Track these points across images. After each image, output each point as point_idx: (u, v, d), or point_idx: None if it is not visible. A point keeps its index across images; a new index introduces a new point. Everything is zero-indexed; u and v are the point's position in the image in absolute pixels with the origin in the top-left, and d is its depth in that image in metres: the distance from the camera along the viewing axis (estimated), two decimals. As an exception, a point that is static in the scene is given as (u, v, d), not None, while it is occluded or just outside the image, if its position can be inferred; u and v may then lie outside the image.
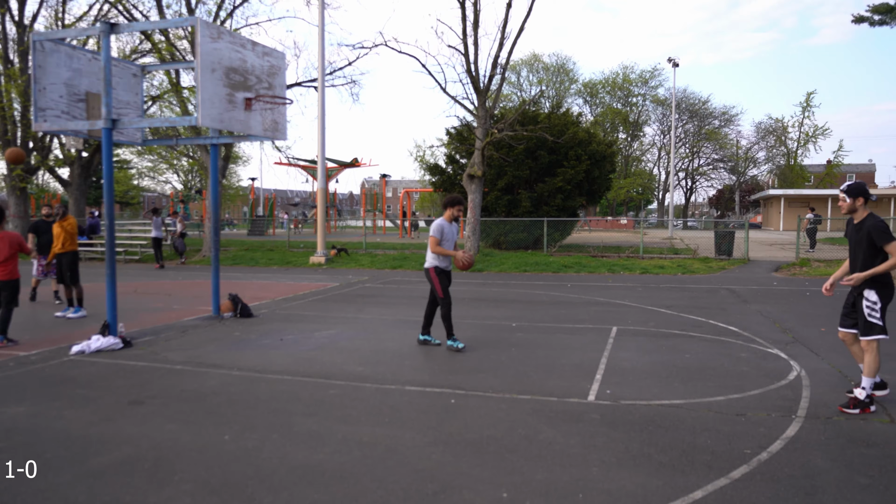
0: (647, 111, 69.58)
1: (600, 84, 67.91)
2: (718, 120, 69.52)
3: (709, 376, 6.35)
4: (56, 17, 24.40)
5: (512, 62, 53.29)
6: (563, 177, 23.80)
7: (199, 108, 7.81)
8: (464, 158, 26.00)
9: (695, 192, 78.67)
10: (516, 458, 4.24)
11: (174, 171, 59.70)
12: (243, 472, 4.02)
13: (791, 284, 14.57)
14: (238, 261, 21.35)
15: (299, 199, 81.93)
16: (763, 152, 72.35)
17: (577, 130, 25.00)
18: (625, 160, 66.88)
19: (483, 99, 20.69)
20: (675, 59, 39.62)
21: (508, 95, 57.19)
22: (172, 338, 8.41)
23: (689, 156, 72.71)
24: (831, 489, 3.76)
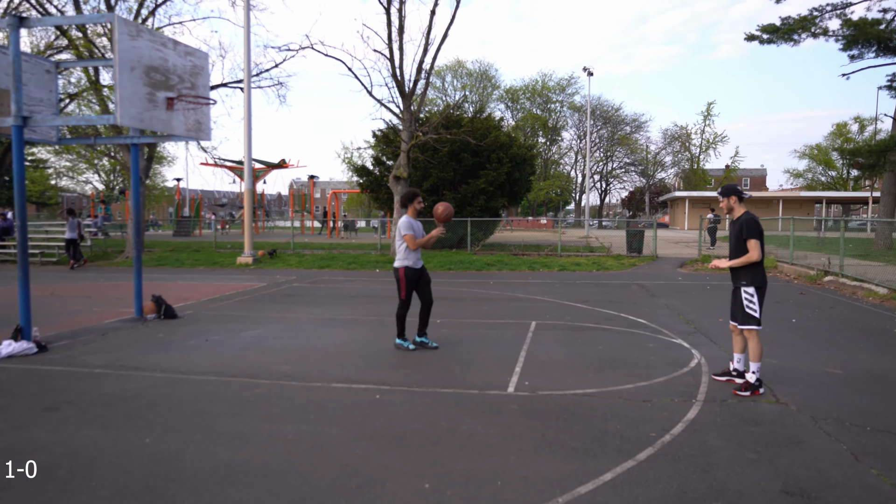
0: (564, 117, 71.41)
1: (521, 90, 69.15)
2: (630, 126, 72.20)
3: (619, 366, 6.58)
4: (-38, 9, 22.69)
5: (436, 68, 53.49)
6: (486, 178, 24.09)
7: (118, 107, 7.44)
8: (390, 160, 25.91)
9: (609, 194, 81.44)
10: (439, 450, 4.26)
11: (95, 171, 56.72)
12: (165, 474, 3.86)
13: (694, 279, 15.29)
14: (163, 262, 20.48)
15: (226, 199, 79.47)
16: (670, 157, 75.76)
17: (499, 134, 25.36)
18: (544, 163, 68.36)
19: (408, 103, 20.66)
20: (590, 68, 40.83)
21: (433, 100, 57.38)
22: (92, 341, 7.98)
23: (604, 159, 75.12)
24: (724, 465, 3.97)
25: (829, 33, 25.65)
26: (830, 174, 67.57)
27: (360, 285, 14.28)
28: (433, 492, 3.63)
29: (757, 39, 26.96)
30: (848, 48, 25.76)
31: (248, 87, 20.12)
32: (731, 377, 5.93)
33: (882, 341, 7.88)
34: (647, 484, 3.71)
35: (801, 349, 7.38)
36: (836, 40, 25.88)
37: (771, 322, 9.18)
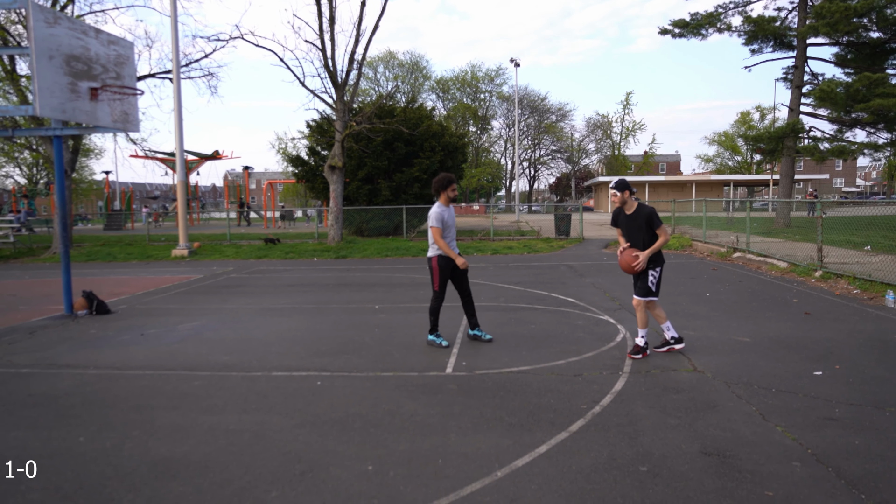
0: (493, 106, 71.90)
1: (451, 81, 69.14)
2: (555, 115, 73.47)
3: (551, 343, 6.71)
4: None
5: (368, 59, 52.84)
6: (420, 167, 24.02)
7: (37, 98, 6.97)
8: (325, 150, 25.44)
9: (537, 180, 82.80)
10: (380, 433, 4.23)
11: (16, 165, 53.21)
12: (101, 472, 3.68)
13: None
14: (93, 257, 19.46)
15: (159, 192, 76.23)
16: (593, 144, 77.64)
17: (431, 124, 25.30)
18: (475, 151, 68.77)
19: (341, 93, 20.30)
20: (517, 59, 41.19)
21: (366, 90, 56.60)
22: (18, 340, 7.50)
23: (532, 147, 76.24)
24: (649, 432, 4.11)
25: (732, 29, 26.81)
26: (737, 159, 70.93)
27: (299, 274, 14.00)
28: (376, 473, 3.60)
29: (669, 33, 27.89)
30: (749, 43, 27.03)
31: (178, 77, 19.25)
32: (671, 345, 6.20)
33: (783, 311, 8.35)
34: (580, 453, 3.81)
35: (714, 320, 7.73)
36: (738, 35, 27.13)
37: (687, 296, 9.58)
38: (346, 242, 20.70)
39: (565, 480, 3.45)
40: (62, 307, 9.35)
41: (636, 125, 72.46)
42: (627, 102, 71.88)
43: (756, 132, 40.51)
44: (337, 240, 20.69)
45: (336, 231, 20.71)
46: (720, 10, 26.70)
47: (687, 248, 17.72)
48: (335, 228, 20.71)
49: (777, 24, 25.83)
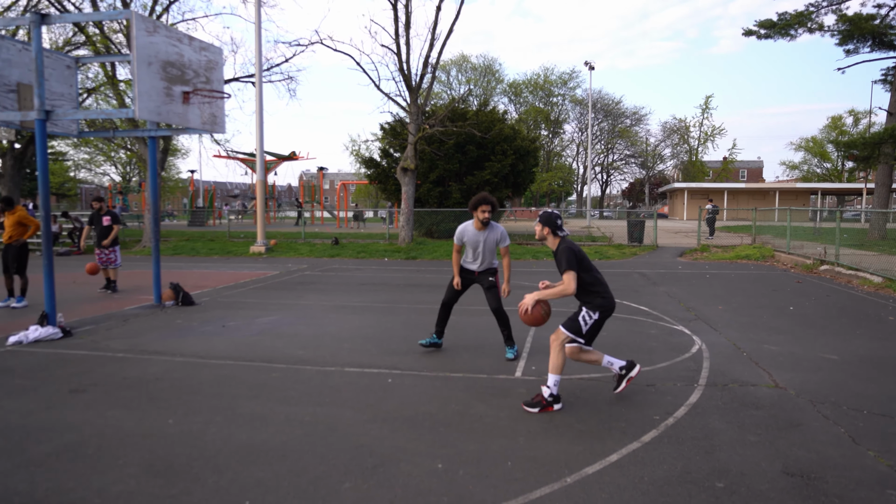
0: (566, 110, 70.99)
1: (524, 84, 68.75)
2: (630, 119, 71.75)
3: (623, 351, 6.58)
4: (-17, 6, 22.68)
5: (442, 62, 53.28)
6: (491, 170, 24.04)
7: (137, 101, 7.44)
8: (397, 152, 25.86)
9: (609, 185, 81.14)
10: (450, 432, 4.28)
11: (112, 164, 56.80)
12: (188, 454, 3.90)
13: (693, 268, 15.25)
14: (178, 251, 20.56)
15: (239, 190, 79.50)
16: (669, 149, 75.29)
17: (503, 127, 25.27)
18: (547, 155, 68.11)
19: (415, 96, 20.59)
20: (592, 62, 40.61)
21: (439, 93, 57.11)
22: (114, 327, 8.04)
23: (605, 151, 74.78)
24: (726, 447, 3.98)
25: (824, 28, 25.42)
26: (826, 166, 67.15)
27: (370, 273, 14.30)
28: (446, 472, 3.65)
29: (755, 35, 26.74)
30: (843, 43, 25.54)
31: (260, 81, 20.09)
32: (626, 377, 4.97)
33: (877, 328, 7.86)
34: (652, 464, 3.73)
35: (798, 336, 7.37)
36: (831, 35, 25.68)
37: (769, 309, 9.17)
38: (417, 244, 20.96)
39: (637, 491, 3.39)
40: (152, 297, 9.94)
41: (715, 130, 69.77)
42: (707, 106, 69.35)
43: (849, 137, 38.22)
44: (407, 241, 20.99)
45: (407, 232, 21.01)
46: (811, 8, 25.36)
47: (768, 258, 16.93)
48: (406, 230, 21.02)
49: (876, 22, 24.28)
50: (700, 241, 21.51)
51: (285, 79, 23.90)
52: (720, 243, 21.33)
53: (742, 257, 17.22)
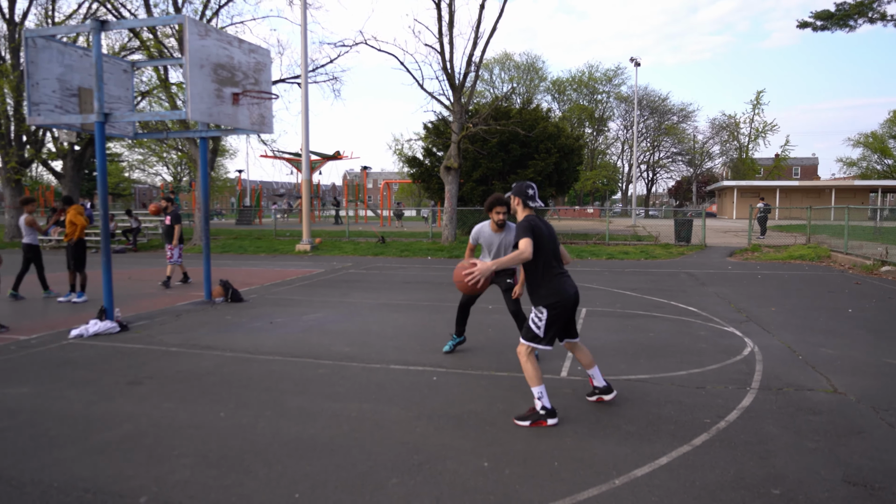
0: (611, 107, 69.99)
1: (567, 82, 68.08)
2: (677, 116, 70.25)
3: (671, 353, 6.46)
4: (46, 14, 23.71)
5: (485, 61, 53.17)
6: (535, 168, 23.88)
7: (189, 103, 7.66)
8: (440, 151, 25.93)
9: (655, 184, 79.55)
10: (496, 431, 4.28)
11: (164, 164, 58.64)
12: (239, 446, 4.00)
13: (744, 268, 14.83)
14: (227, 249, 21.09)
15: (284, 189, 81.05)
16: (717, 146, 73.37)
17: (547, 125, 25.08)
18: (591, 153, 67.27)
19: (458, 95, 20.61)
20: (637, 58, 39.84)
21: (482, 92, 57.02)
22: (167, 322, 8.30)
23: (650, 149, 73.39)
24: (782, 453, 3.86)
25: (887, 18, 24.32)
26: (887, 162, 64.29)
27: (413, 272, 14.39)
28: (492, 470, 3.65)
29: (810, 27, 25.79)
30: (908, 33, 24.39)
31: (306, 82, 20.42)
32: (599, 395, 4.84)
33: (944, 332, 7.49)
34: (704, 469, 3.64)
35: (858, 339, 7.08)
36: (895, 25, 24.54)
37: (826, 311, 8.85)
38: (460, 242, 20.98)
39: (688, 496, 3.32)
40: (202, 294, 10.23)
41: (767, 126, 67.62)
42: (758, 102, 67.22)
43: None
44: (451, 240, 21.03)
45: (450, 231, 21.06)
46: (873, -2, 24.31)
47: (824, 259, 16.33)
48: (449, 228, 21.07)
49: (942, 12, 23.12)
50: (751, 241, 20.89)
51: (330, 79, 24.27)
52: (772, 243, 20.68)
53: (796, 257, 16.66)
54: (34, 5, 23.76)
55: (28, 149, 24.12)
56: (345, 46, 21.99)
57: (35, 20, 24.23)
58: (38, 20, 24.05)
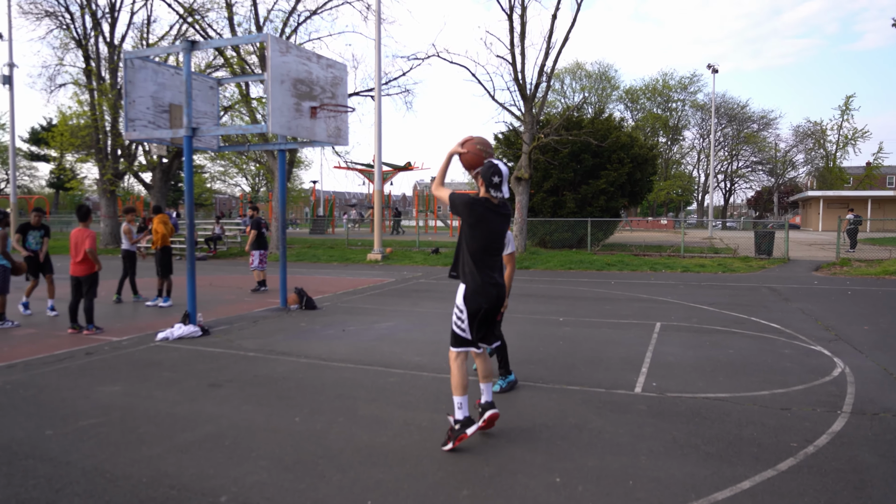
0: (686, 116, 67.89)
1: (641, 90, 66.57)
2: (757, 124, 67.31)
3: (752, 371, 6.16)
4: (141, 36, 25.35)
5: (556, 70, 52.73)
6: (607, 179, 23.45)
7: (270, 117, 7.97)
8: (511, 162, 25.86)
9: (734, 194, 76.39)
10: (567, 446, 4.19)
11: (243, 175, 61.18)
12: (313, 451, 4.09)
13: (832, 283, 13.99)
14: (301, 257, 21.74)
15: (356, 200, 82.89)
16: (801, 155, 69.73)
17: (620, 135, 24.58)
18: (665, 163, 65.39)
19: (529, 105, 20.53)
20: (715, 65, 38.53)
21: (552, 102, 56.54)
22: (245, 327, 8.63)
23: (728, 158, 70.63)
24: (880, 484, 3.59)
25: None
26: None
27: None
28: (564, 486, 3.57)
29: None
30: None
31: (379, 95, 20.87)
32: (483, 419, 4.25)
33: None
34: (791, 496, 3.44)
35: (964, 362, 6.53)
36: None
37: (926, 332, 8.22)
38: (530, 253, 20.82)
39: (774, 523, 3.14)
40: (278, 301, 10.58)
41: (857, 133, 63.73)
42: (847, 107, 63.44)
43: None
44: (521, 251, 20.90)
45: (520, 242, 20.94)
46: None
47: (924, 275, 15.18)
48: (519, 239, 20.95)
49: None
50: (839, 254, 19.69)
51: (402, 92, 24.72)
52: (863, 257, 19.41)
53: (891, 273, 15.56)
54: (131, 28, 25.48)
55: (122, 161, 25.75)
56: (417, 59, 22.39)
57: (132, 42, 25.96)
58: (134, 42, 25.74)
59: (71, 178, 37.87)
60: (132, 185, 56.85)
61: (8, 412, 4.88)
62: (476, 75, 20.73)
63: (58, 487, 3.54)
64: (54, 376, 5.97)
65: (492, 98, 20.86)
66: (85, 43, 24.73)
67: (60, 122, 26.10)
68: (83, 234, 8.07)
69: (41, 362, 6.55)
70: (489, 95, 20.76)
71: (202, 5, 23.79)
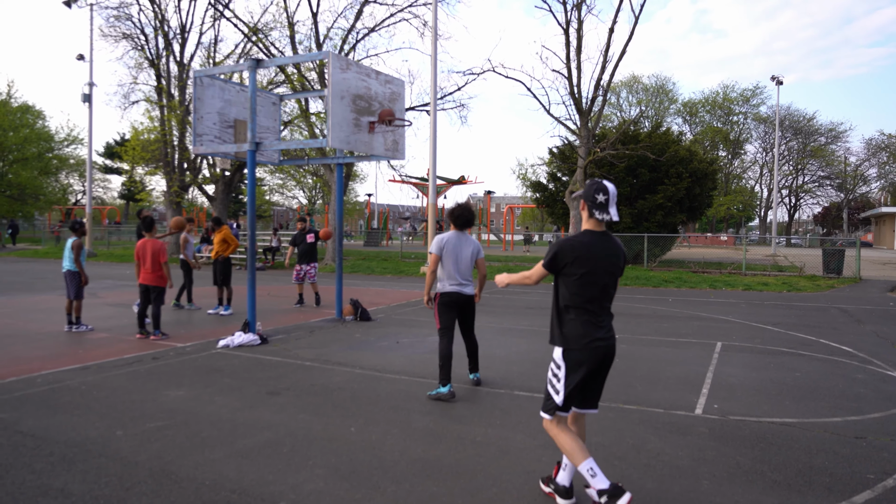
0: (748, 129, 65.81)
1: (700, 103, 64.98)
2: (825, 137, 64.59)
3: (822, 396, 5.87)
4: (208, 55, 26.45)
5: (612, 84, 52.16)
6: (664, 194, 22.95)
7: (330, 132, 8.17)
8: (565, 176, 25.64)
9: (799, 210, 73.37)
10: (625, 467, 4.09)
11: (301, 188, 62.76)
12: (368, 462, 4.13)
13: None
14: (356, 269, 22.08)
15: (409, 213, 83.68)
16: (874, 169, 66.48)
17: (678, 149, 24.05)
18: (725, 177, 63.47)
19: (585, 119, 20.35)
20: (779, 76, 37.31)
21: (608, 115, 55.87)
22: (302, 337, 8.81)
23: (793, 173, 67.98)
24: (968, 521, 3.36)
25: None
26: None
27: (536, 297, 14.25)
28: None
29: None
30: None
31: (434, 109, 21.07)
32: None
33: None
34: (867, 529, 3.25)
35: None
36: None
37: None
38: (582, 269, 20.53)
39: (849, 558, 2.97)
40: (334, 312, 10.75)
41: (936, 146, 60.34)
42: (925, 120, 60.20)
43: None
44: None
45: (572, 257, 20.68)
46: None
47: None
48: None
49: None
50: (916, 275, 18.62)
51: (457, 106, 24.86)
52: (944, 278, 18.30)
53: None
54: (199, 48, 26.66)
55: (188, 174, 26.84)
56: (472, 74, 22.49)
57: (199, 61, 27.11)
58: (202, 61, 26.88)
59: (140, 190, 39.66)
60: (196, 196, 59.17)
61: (83, 412, 5.12)
62: (531, 89, 20.76)
63: (127, 486, 3.69)
64: (124, 379, 6.24)
65: (547, 112, 20.80)
66: (157, 62, 25.99)
67: (133, 137, 27.44)
68: (154, 245, 8.43)
69: (112, 365, 6.85)
70: (544, 109, 20.71)
71: (266, 25, 24.69)
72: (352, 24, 23.87)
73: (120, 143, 46.18)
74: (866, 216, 60.39)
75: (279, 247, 24.45)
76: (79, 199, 61.24)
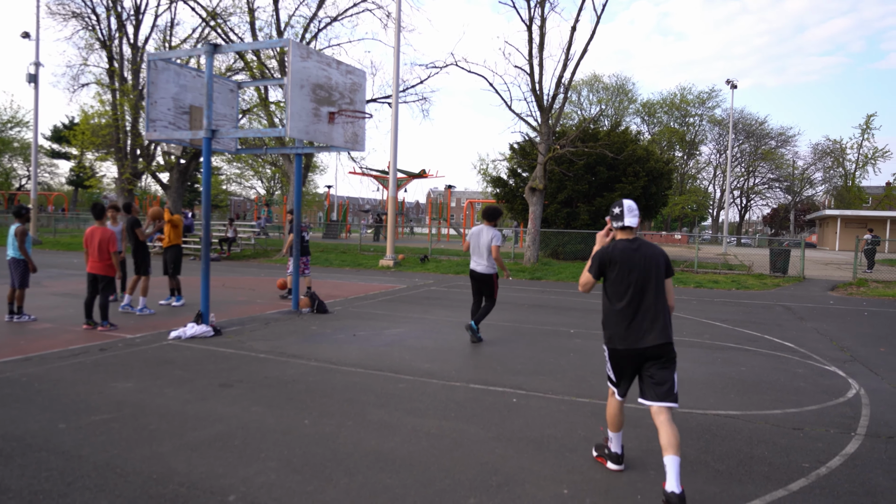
0: (703, 131, 67.55)
1: (658, 104, 66.36)
2: (775, 140, 66.83)
3: (765, 389, 6.10)
4: (164, 39, 25.68)
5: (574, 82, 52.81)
6: (622, 192, 23.38)
7: (288, 121, 8.05)
8: (525, 172, 25.88)
9: (749, 211, 75.78)
10: (576, 458, 4.18)
11: (259, 178, 61.66)
12: (322, 454, 4.11)
13: (848, 304, 13.83)
14: (314, 261, 21.82)
15: (369, 206, 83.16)
16: (820, 173, 69.13)
17: (636, 148, 24.55)
18: (681, 177, 65.05)
19: (546, 116, 20.55)
20: (734, 80, 38.33)
21: (569, 113, 56.52)
22: (256, 329, 8.68)
23: (745, 175, 70.14)
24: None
25: None
26: None
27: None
28: (572, 498, 3.56)
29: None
30: None
31: (396, 102, 20.99)
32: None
33: None
34: (802, 516, 3.41)
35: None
36: None
37: (943, 355, 8.10)
38: (542, 264, 20.78)
39: (784, 544, 3.11)
40: (290, 304, 10.62)
41: (877, 152, 63.08)
42: (868, 126, 62.89)
43: None
44: (533, 261, 20.87)
45: (532, 252, 20.91)
46: None
47: (942, 298, 14.96)
48: (532, 250, 20.92)
49: None
50: (857, 275, 19.47)
51: (419, 99, 24.88)
52: (881, 278, 19.18)
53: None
54: (155, 31, 25.85)
55: (141, 161, 26.06)
56: (435, 68, 22.56)
57: (154, 45, 26.31)
58: (157, 45, 26.09)
59: (90, 177, 38.37)
60: (150, 184, 57.51)
61: (23, 404, 4.94)
62: (493, 85, 20.85)
63: (69, 480, 3.58)
64: (69, 371, 6.05)
65: (508, 108, 20.90)
66: (109, 44, 25.11)
67: (82, 121, 26.47)
68: (104, 233, 8.17)
69: (56, 356, 6.63)
70: (506, 105, 20.81)
71: (225, 10, 24.14)
72: (314, 12, 23.57)
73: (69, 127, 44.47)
74: (811, 218, 62.78)
75: (235, 237, 24.00)
76: (23, 183, 58.83)
